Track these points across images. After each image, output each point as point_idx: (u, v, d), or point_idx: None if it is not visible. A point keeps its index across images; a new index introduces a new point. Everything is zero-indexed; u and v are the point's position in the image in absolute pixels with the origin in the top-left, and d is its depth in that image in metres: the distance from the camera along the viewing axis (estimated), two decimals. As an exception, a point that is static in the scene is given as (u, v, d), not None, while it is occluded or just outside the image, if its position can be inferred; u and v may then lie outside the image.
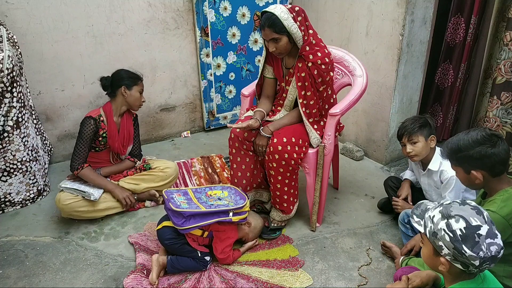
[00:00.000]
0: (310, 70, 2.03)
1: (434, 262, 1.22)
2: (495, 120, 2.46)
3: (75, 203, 2.25)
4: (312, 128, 2.14)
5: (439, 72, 2.95)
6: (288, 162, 2.04)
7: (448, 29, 2.80)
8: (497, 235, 1.12)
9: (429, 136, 1.99)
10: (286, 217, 2.23)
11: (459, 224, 1.12)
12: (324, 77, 2.06)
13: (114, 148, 2.44)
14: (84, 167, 2.32)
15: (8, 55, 2.21)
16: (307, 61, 2.03)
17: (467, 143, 1.49)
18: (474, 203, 1.18)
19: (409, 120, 2.04)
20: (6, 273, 1.98)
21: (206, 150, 3.28)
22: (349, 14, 2.97)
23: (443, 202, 1.22)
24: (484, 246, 1.09)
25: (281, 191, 2.13)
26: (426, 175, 2.08)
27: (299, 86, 2.07)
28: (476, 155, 1.47)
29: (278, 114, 2.25)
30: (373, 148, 3.09)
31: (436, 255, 1.20)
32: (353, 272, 1.97)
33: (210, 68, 3.47)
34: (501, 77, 2.37)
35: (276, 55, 2.10)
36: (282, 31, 1.96)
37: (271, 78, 2.28)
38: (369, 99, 2.95)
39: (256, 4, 3.46)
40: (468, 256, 1.09)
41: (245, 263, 2.03)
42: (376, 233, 2.26)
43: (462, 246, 1.10)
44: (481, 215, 1.14)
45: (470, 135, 1.50)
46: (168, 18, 3.17)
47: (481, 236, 1.10)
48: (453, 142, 1.55)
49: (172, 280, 1.91)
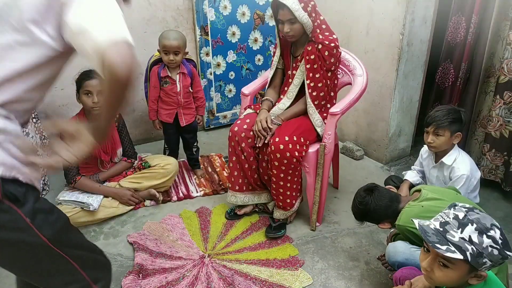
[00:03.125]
0: (321, 52, 2.06)
1: (463, 280, 1.12)
2: (498, 120, 2.46)
3: (74, 215, 2.22)
4: (316, 110, 2.16)
5: (439, 71, 2.94)
6: (290, 160, 2.04)
7: (449, 28, 2.79)
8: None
9: (455, 133, 1.91)
10: (289, 213, 2.23)
11: (497, 233, 1.07)
12: (336, 56, 2.10)
13: (95, 155, 2.36)
14: (77, 180, 2.28)
15: (7, 54, 2.20)
16: (317, 43, 2.06)
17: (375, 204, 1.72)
18: (471, 205, 1.17)
19: (443, 110, 1.93)
20: (6, 272, 1.98)
21: (206, 149, 3.28)
22: (349, 13, 2.96)
23: (458, 217, 1.11)
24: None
25: (283, 188, 2.13)
26: (437, 168, 2.06)
27: (307, 68, 2.10)
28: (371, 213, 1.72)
29: (278, 104, 2.26)
30: (373, 147, 3.08)
31: (469, 273, 1.10)
32: (353, 272, 1.97)
33: (210, 67, 3.46)
34: (504, 77, 2.37)
35: (288, 38, 2.12)
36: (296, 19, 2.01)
37: (280, 68, 2.34)
38: (369, 99, 2.94)
39: (256, 3, 3.46)
40: (510, 256, 1.06)
41: (244, 262, 2.03)
42: (376, 233, 2.25)
43: (506, 252, 1.06)
44: (486, 213, 1.13)
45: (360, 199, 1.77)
46: (168, 16, 3.16)
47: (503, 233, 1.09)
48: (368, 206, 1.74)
49: (170, 278, 1.91)
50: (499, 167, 2.55)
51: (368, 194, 1.73)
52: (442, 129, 1.91)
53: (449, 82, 2.89)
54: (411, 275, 1.51)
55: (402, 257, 1.66)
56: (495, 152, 2.53)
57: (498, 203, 2.54)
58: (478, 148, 2.70)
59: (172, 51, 2.39)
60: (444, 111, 1.93)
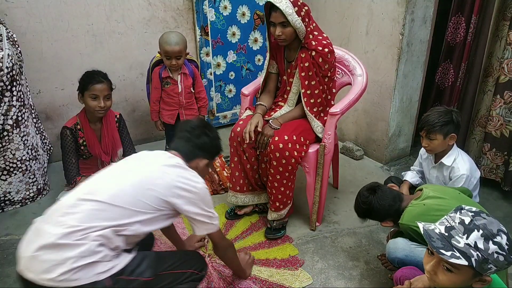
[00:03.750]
0: (315, 59, 2.04)
1: (468, 284, 1.11)
2: (498, 119, 2.46)
3: None
4: (315, 118, 2.15)
5: (439, 71, 2.94)
6: (289, 160, 2.04)
7: (449, 29, 2.79)
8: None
9: (449, 134, 1.91)
10: (282, 214, 2.21)
11: (504, 239, 1.05)
12: (330, 62, 2.08)
13: (96, 155, 2.38)
14: (78, 180, 2.26)
15: (7, 54, 2.21)
16: (310, 49, 2.04)
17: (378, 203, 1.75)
18: (478, 209, 1.14)
19: (435, 114, 1.92)
20: (6, 272, 1.98)
21: (206, 149, 3.27)
22: (349, 13, 2.97)
23: (464, 222, 1.09)
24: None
25: (276, 189, 2.13)
26: (436, 168, 2.06)
27: (302, 76, 2.08)
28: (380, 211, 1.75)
29: (279, 111, 2.24)
30: (373, 147, 3.09)
31: (473, 277, 1.09)
32: (353, 272, 1.97)
33: (210, 67, 3.46)
34: (504, 76, 2.37)
35: (280, 42, 2.07)
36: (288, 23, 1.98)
37: (274, 73, 2.31)
38: (369, 99, 2.94)
39: (256, 3, 3.46)
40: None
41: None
42: (376, 233, 2.25)
43: (511, 257, 1.05)
44: (494, 217, 1.12)
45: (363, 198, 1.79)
46: (168, 17, 3.17)
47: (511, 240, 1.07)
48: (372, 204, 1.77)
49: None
50: (499, 167, 2.56)
51: (371, 194, 1.75)
52: (434, 133, 1.91)
53: (449, 82, 2.90)
54: (411, 275, 1.51)
55: (402, 254, 1.67)
56: (496, 152, 2.53)
57: (498, 203, 2.54)
58: (477, 147, 2.70)
59: (174, 56, 2.40)
60: (435, 115, 1.92)
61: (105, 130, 2.37)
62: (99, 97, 2.20)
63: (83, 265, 1.22)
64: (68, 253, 1.21)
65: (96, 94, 2.19)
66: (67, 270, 1.20)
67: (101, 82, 2.20)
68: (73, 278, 1.21)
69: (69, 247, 1.22)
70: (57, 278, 1.19)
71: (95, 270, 1.25)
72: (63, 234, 1.23)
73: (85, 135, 2.31)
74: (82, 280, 1.22)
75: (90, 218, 1.28)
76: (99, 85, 2.19)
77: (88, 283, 1.23)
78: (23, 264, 1.24)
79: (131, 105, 3.27)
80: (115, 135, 2.43)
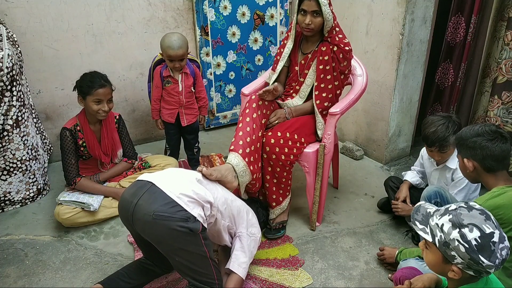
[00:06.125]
0: (335, 54, 2.08)
1: (443, 269, 1.17)
2: (496, 120, 2.46)
3: (75, 216, 2.22)
4: (320, 114, 2.16)
5: (439, 71, 2.94)
6: (278, 156, 2.05)
7: (449, 29, 2.79)
8: (505, 237, 1.10)
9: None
10: (276, 211, 2.20)
11: (473, 234, 1.07)
12: (349, 60, 2.12)
13: (96, 156, 2.38)
14: (77, 181, 2.28)
15: (7, 54, 2.21)
16: (332, 44, 2.07)
17: (468, 133, 1.55)
18: (478, 205, 1.15)
19: (440, 126, 1.88)
20: (6, 272, 1.98)
21: (206, 149, 3.28)
22: (349, 13, 2.97)
23: (448, 208, 1.16)
24: (498, 253, 1.06)
25: (269, 187, 2.15)
26: (439, 170, 2.06)
27: (319, 69, 2.10)
28: (470, 144, 1.53)
29: (291, 100, 2.25)
30: (373, 147, 3.09)
31: (445, 263, 1.15)
32: (353, 272, 1.97)
33: (210, 67, 3.46)
34: (502, 77, 2.38)
35: (306, 32, 2.09)
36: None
37: (286, 66, 2.32)
38: (369, 99, 2.94)
39: (256, 3, 3.46)
40: (486, 265, 1.06)
41: (245, 262, 2.03)
42: (376, 233, 2.26)
43: (479, 256, 1.06)
44: (490, 219, 1.11)
45: (477, 127, 1.55)
46: (168, 17, 3.17)
47: (496, 244, 1.07)
48: (461, 131, 1.62)
49: (170, 277, 1.91)
50: (498, 167, 2.55)
51: (502, 137, 1.51)
52: (447, 146, 1.91)
53: (448, 82, 2.90)
54: (411, 275, 1.52)
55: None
56: (495, 152, 2.53)
57: (498, 203, 2.54)
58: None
59: (177, 59, 2.41)
60: (441, 128, 1.88)
61: (105, 131, 2.37)
62: (102, 101, 2.21)
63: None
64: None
65: (100, 98, 2.19)
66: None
67: (104, 86, 2.20)
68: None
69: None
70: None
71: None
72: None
73: (84, 136, 2.31)
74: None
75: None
76: (102, 90, 2.20)
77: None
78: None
79: (131, 105, 3.27)
80: (114, 136, 2.43)
